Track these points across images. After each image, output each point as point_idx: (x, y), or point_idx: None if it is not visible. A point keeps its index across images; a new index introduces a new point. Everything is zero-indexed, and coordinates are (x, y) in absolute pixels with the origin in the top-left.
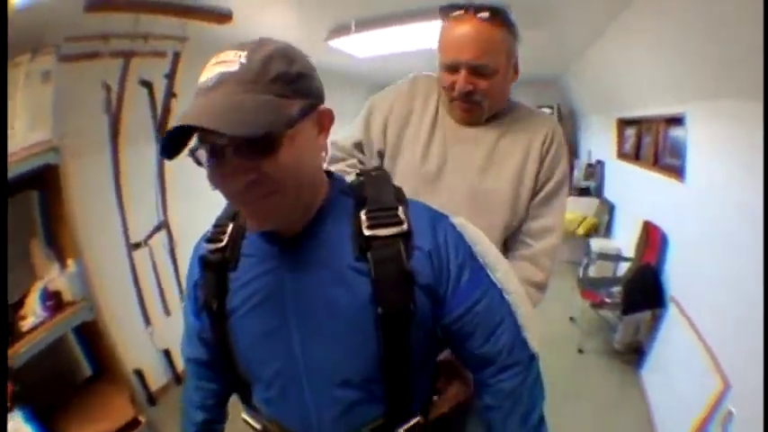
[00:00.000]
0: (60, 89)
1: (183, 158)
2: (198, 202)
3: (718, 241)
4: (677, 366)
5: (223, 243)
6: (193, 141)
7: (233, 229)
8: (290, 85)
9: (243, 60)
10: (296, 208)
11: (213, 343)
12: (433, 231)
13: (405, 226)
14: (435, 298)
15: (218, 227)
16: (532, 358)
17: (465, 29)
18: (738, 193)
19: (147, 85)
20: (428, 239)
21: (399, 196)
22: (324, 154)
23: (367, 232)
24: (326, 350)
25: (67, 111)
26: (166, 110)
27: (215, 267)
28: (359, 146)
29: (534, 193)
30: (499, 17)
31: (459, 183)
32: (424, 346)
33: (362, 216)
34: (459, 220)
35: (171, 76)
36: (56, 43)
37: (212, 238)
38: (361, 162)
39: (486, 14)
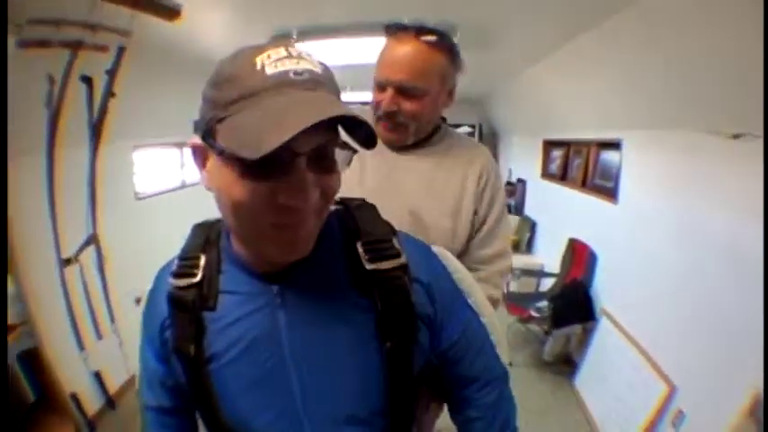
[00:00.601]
0: (10, 77)
1: (113, 165)
2: (128, 215)
3: (648, 256)
4: (614, 374)
5: (197, 278)
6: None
7: (206, 261)
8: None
9: (318, 63)
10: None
11: (187, 391)
12: (427, 262)
13: (403, 258)
14: (432, 327)
15: (187, 259)
16: (506, 372)
17: (402, 50)
18: (669, 213)
19: (88, 81)
20: (424, 271)
21: (390, 227)
22: None
23: (369, 266)
24: (330, 388)
25: (11, 103)
26: (104, 110)
27: (189, 307)
28: None
29: (474, 226)
30: (442, 43)
31: (396, 211)
32: (422, 373)
33: (359, 248)
34: (438, 250)
35: (113, 73)
36: (19, 23)
37: (181, 272)
38: None
39: (427, 38)
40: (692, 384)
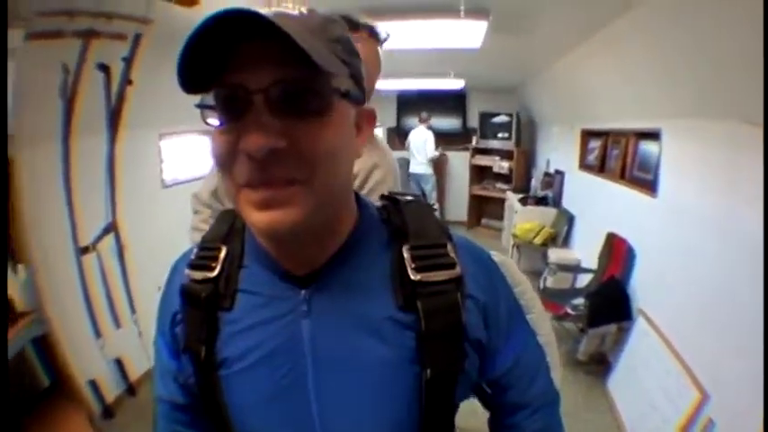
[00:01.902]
0: (21, 69)
1: (136, 153)
2: (150, 203)
3: (689, 255)
4: (648, 377)
5: (215, 273)
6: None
7: (227, 254)
8: (348, 56)
9: (303, 10)
10: (318, 219)
11: (197, 394)
12: (486, 276)
13: (458, 269)
14: (483, 354)
15: (207, 249)
16: (558, 397)
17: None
18: (710, 210)
19: (105, 69)
20: (481, 287)
21: (445, 229)
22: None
23: (414, 276)
24: (356, 415)
25: (24, 94)
26: (121, 98)
27: (202, 303)
28: (215, 194)
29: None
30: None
31: None
32: (460, 401)
33: (405, 254)
34: (500, 258)
35: (130, 60)
36: (26, 16)
37: (198, 263)
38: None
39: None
40: (725, 393)
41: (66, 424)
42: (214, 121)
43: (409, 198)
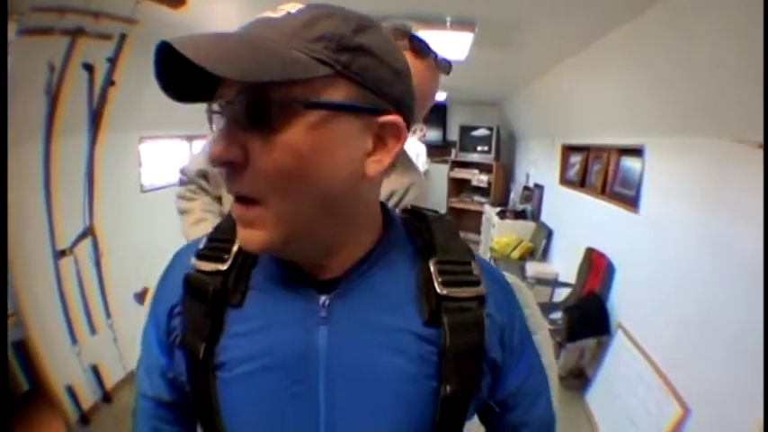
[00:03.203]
0: (12, 64)
1: (115, 155)
2: (127, 207)
3: (670, 270)
4: (627, 391)
5: (226, 265)
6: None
7: (240, 247)
8: (340, 54)
9: (293, 10)
10: (303, 239)
11: (187, 392)
12: (504, 298)
13: (482, 287)
14: (496, 373)
15: (218, 240)
16: (555, 419)
17: None
18: (693, 226)
19: (90, 68)
20: (500, 308)
21: (469, 248)
22: (376, 177)
23: (441, 290)
24: (364, 430)
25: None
26: (103, 99)
27: (209, 297)
28: (203, 174)
29: None
30: (431, 58)
31: None
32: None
33: (432, 267)
34: (512, 280)
35: (114, 60)
36: (21, 11)
37: (209, 254)
38: (202, 188)
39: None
40: (706, 409)
41: (45, 429)
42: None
43: (435, 214)
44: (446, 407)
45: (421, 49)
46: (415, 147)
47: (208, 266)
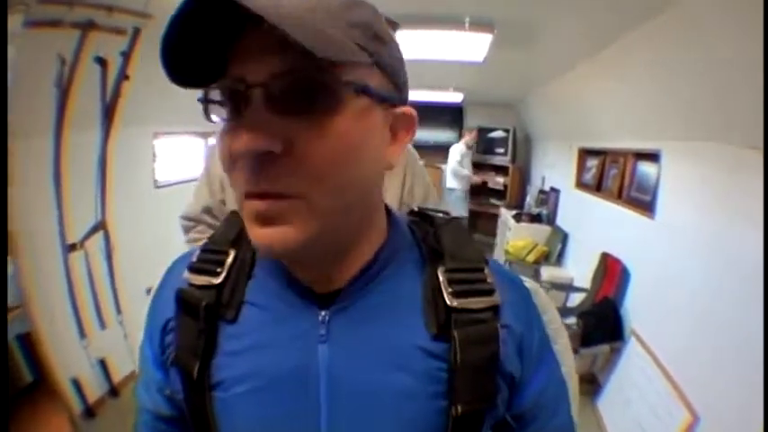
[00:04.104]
0: (18, 56)
1: (129, 150)
2: (141, 203)
3: (684, 276)
4: (638, 398)
5: (220, 279)
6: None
7: (235, 260)
8: (372, 43)
9: None
10: (326, 239)
11: (185, 413)
12: (523, 305)
13: (497, 297)
14: (513, 385)
15: (211, 252)
16: (575, 429)
17: None
18: (709, 232)
19: (102, 62)
20: (518, 316)
21: (482, 253)
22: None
23: (451, 302)
24: None
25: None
26: (117, 94)
27: (201, 312)
28: (207, 210)
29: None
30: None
31: None
32: None
33: (441, 276)
34: (531, 285)
35: (127, 55)
36: (26, 2)
37: (201, 267)
38: (211, 227)
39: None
40: (715, 415)
41: (46, 421)
42: (216, 117)
43: (444, 216)
44: (458, 428)
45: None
46: (458, 149)
47: (201, 280)
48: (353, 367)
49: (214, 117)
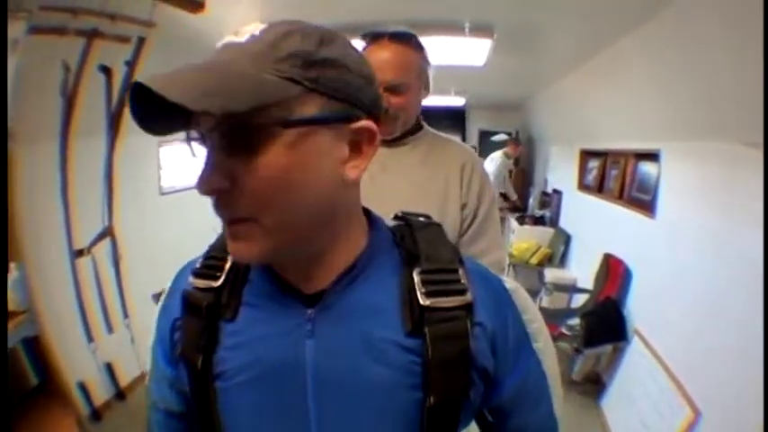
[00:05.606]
0: (22, 62)
1: (134, 157)
2: (147, 209)
3: (686, 275)
4: (642, 396)
5: (219, 282)
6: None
7: (233, 264)
8: (307, 70)
9: (257, 32)
10: (296, 246)
11: (193, 405)
12: (496, 305)
13: (469, 296)
14: (489, 380)
15: (212, 258)
16: (557, 427)
17: (383, 53)
18: (709, 231)
19: (106, 71)
20: (491, 315)
21: (457, 254)
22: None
23: (424, 301)
24: None
25: (24, 89)
26: (122, 102)
27: (203, 311)
28: None
29: (463, 220)
30: (412, 42)
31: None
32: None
33: (416, 277)
34: (510, 284)
35: (132, 64)
36: (29, 9)
37: (203, 272)
38: None
39: (400, 40)
40: (717, 412)
41: (52, 424)
42: (198, 152)
43: (423, 220)
44: (432, 417)
45: (400, 37)
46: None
47: (202, 283)
48: (336, 359)
49: (197, 153)
